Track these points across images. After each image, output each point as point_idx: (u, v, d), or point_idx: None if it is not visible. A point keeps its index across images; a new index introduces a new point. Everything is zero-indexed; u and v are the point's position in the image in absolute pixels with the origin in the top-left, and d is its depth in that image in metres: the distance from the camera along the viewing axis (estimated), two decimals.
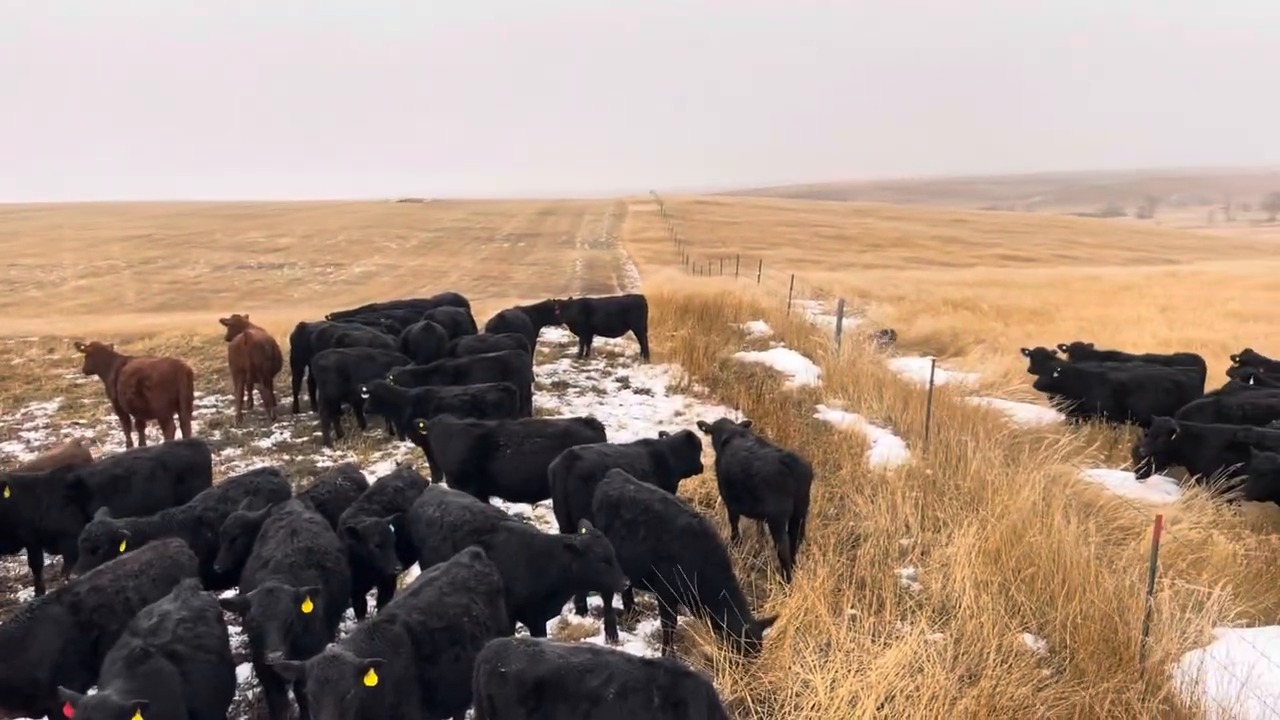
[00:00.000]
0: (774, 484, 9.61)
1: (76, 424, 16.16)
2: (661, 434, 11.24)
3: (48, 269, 64.34)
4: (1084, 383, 16.23)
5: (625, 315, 21.26)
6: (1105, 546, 9.58)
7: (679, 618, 8.44)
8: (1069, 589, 8.49)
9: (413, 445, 14.03)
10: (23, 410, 17.19)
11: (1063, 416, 16.21)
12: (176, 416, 14.33)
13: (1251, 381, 15.81)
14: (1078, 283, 44.51)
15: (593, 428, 11.30)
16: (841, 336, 20.28)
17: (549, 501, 10.88)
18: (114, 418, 15.86)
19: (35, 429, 16.05)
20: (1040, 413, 16.58)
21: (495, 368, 14.97)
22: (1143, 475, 12.93)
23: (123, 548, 7.88)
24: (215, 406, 17.52)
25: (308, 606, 6.68)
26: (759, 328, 23.86)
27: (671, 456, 10.57)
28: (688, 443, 10.72)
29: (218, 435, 15.51)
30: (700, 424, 11.76)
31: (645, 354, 20.96)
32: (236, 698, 7.82)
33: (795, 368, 18.75)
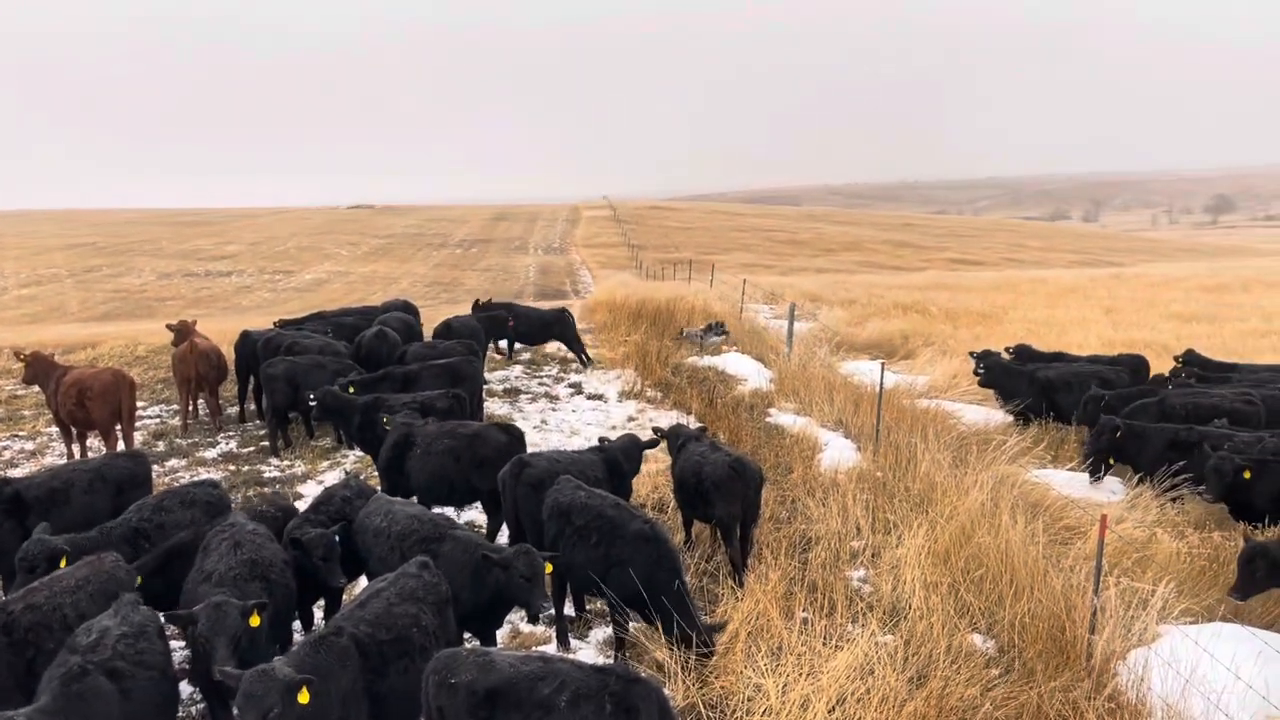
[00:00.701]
0: (723, 488, 9.61)
1: (16, 436, 15.76)
2: (601, 439, 11.21)
3: None
4: (1012, 380, 16.55)
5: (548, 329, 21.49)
6: (1052, 546, 9.70)
7: (631, 624, 8.40)
8: (1017, 589, 8.58)
9: (361, 454, 13.86)
10: None
11: (1010, 418, 16.44)
12: (119, 428, 14.02)
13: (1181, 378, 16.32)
14: (1025, 285, 45.24)
15: (509, 433, 11.27)
16: (793, 340, 20.39)
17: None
18: (55, 429, 15.50)
19: (20, 436, 15.65)
20: (988, 414, 16.80)
21: (445, 374, 14.85)
22: (1095, 475, 13.04)
23: (63, 563, 7.67)
24: (159, 416, 17.20)
25: (255, 620, 6.55)
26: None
27: (625, 461, 10.56)
28: (636, 445, 10.76)
29: (162, 446, 15.22)
30: (654, 429, 11.74)
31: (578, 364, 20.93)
32: (180, 714, 7.67)
33: (747, 372, 18.80)
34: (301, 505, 12.25)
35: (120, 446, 13.77)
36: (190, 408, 16.26)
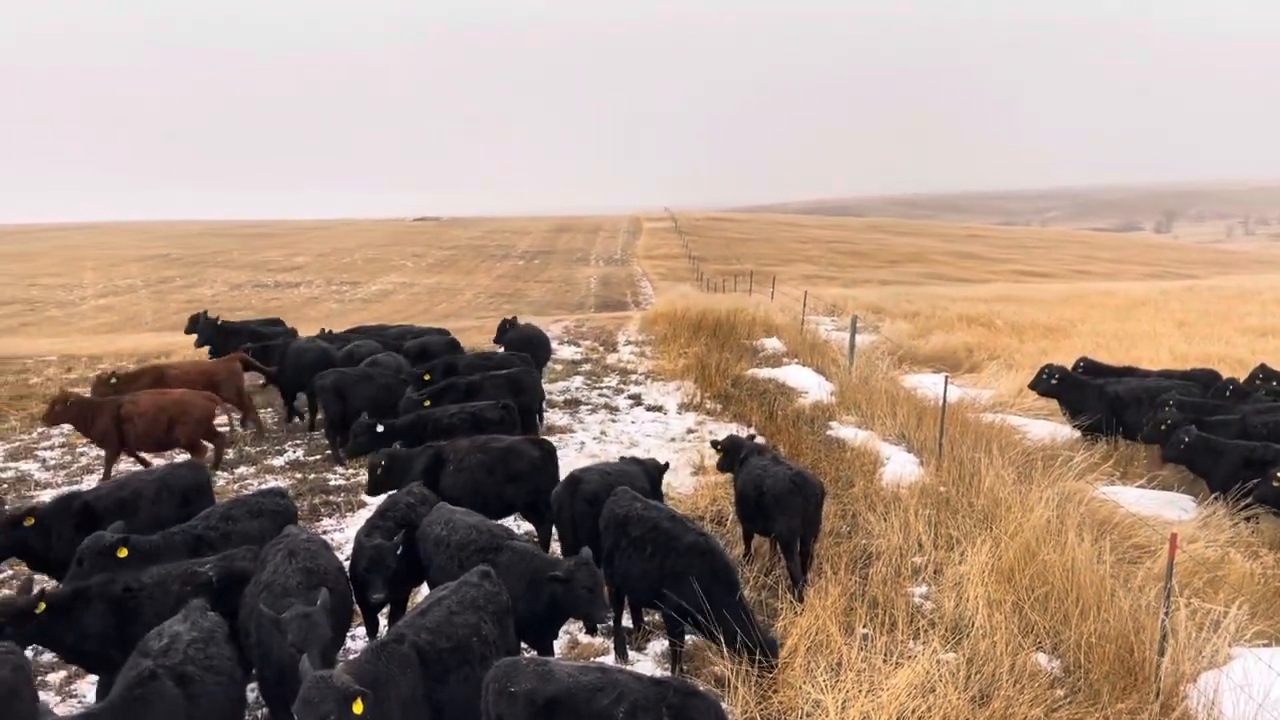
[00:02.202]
0: (783, 502, 9.57)
1: (93, 443, 16.21)
2: (622, 458, 11.38)
3: (68, 288, 64.90)
4: (1080, 395, 16.21)
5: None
6: (1120, 565, 9.50)
7: (689, 637, 8.40)
8: (1083, 608, 8.41)
9: None
10: (39, 429, 17.25)
11: (1077, 433, 16.13)
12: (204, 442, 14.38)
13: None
14: (1094, 298, 44.33)
15: (540, 447, 11.29)
16: (855, 353, 20.24)
17: None
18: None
19: (51, 448, 16.12)
20: (1054, 429, 16.50)
21: (507, 385, 14.99)
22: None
23: (122, 553, 7.92)
24: (228, 425, 17.56)
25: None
26: (772, 344, 23.83)
27: (658, 475, 10.70)
28: (658, 469, 10.86)
29: (231, 453, 15.56)
30: (713, 443, 11.72)
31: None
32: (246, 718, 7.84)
33: (808, 384, 18.71)
34: (365, 514, 12.49)
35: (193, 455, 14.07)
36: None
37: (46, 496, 13.43)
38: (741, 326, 25.74)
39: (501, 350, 18.86)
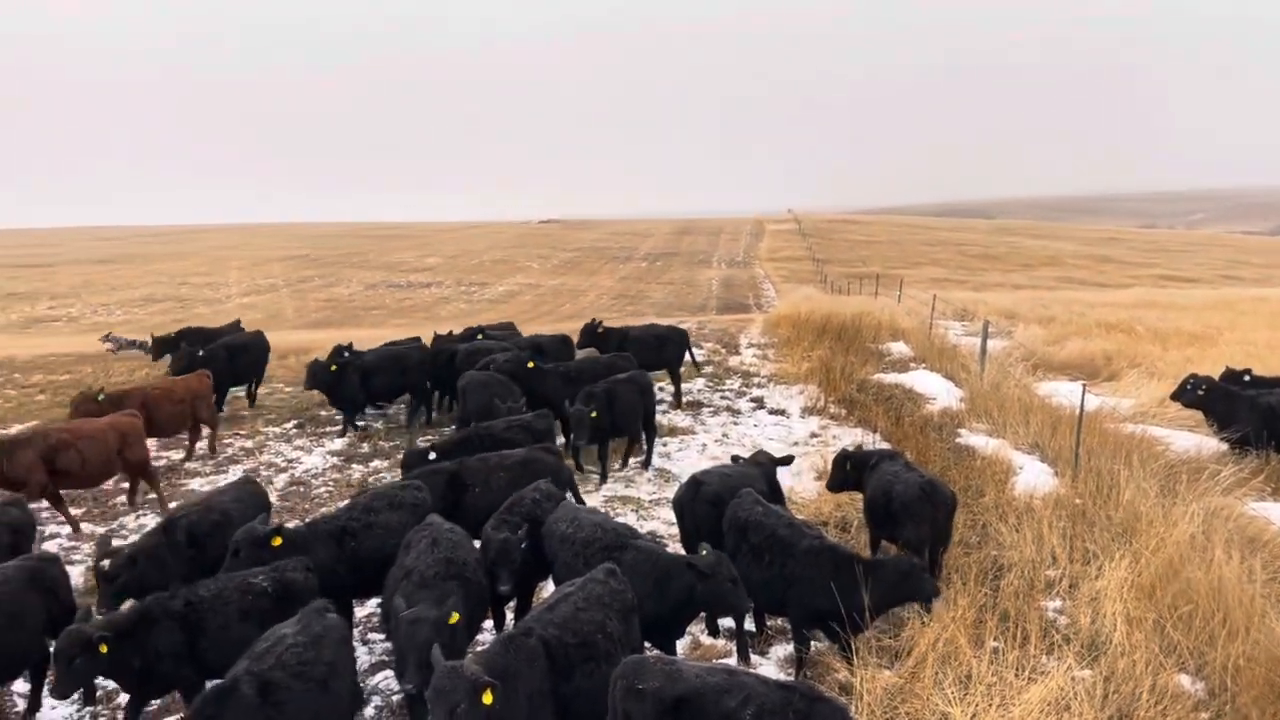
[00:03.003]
0: (912, 509, 9.41)
1: (237, 434, 17.03)
2: (735, 458, 11.27)
3: (215, 287, 68.30)
4: (1230, 405, 15.37)
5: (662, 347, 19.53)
6: (1271, 585, 9.00)
7: (813, 644, 8.34)
8: (1231, 629, 8.01)
9: None
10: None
11: (1224, 447, 15.32)
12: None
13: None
14: (1244, 304, 42.06)
15: (552, 453, 11.19)
16: (986, 359, 19.70)
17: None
18: (271, 429, 16.75)
19: (200, 439, 16.99)
20: (1200, 441, 15.71)
21: (604, 373, 15.24)
22: None
23: (276, 542, 8.28)
24: (365, 421, 18.17)
25: (454, 618, 6.87)
26: (898, 349, 23.38)
27: (774, 468, 10.72)
28: (774, 462, 10.90)
29: (366, 448, 16.12)
30: (843, 452, 11.30)
31: (678, 399, 19.08)
32: (380, 704, 8.14)
33: (936, 390, 18.30)
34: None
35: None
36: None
37: (195, 484, 14.22)
38: (867, 330, 25.32)
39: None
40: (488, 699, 5.75)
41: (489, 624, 9.21)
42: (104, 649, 6.72)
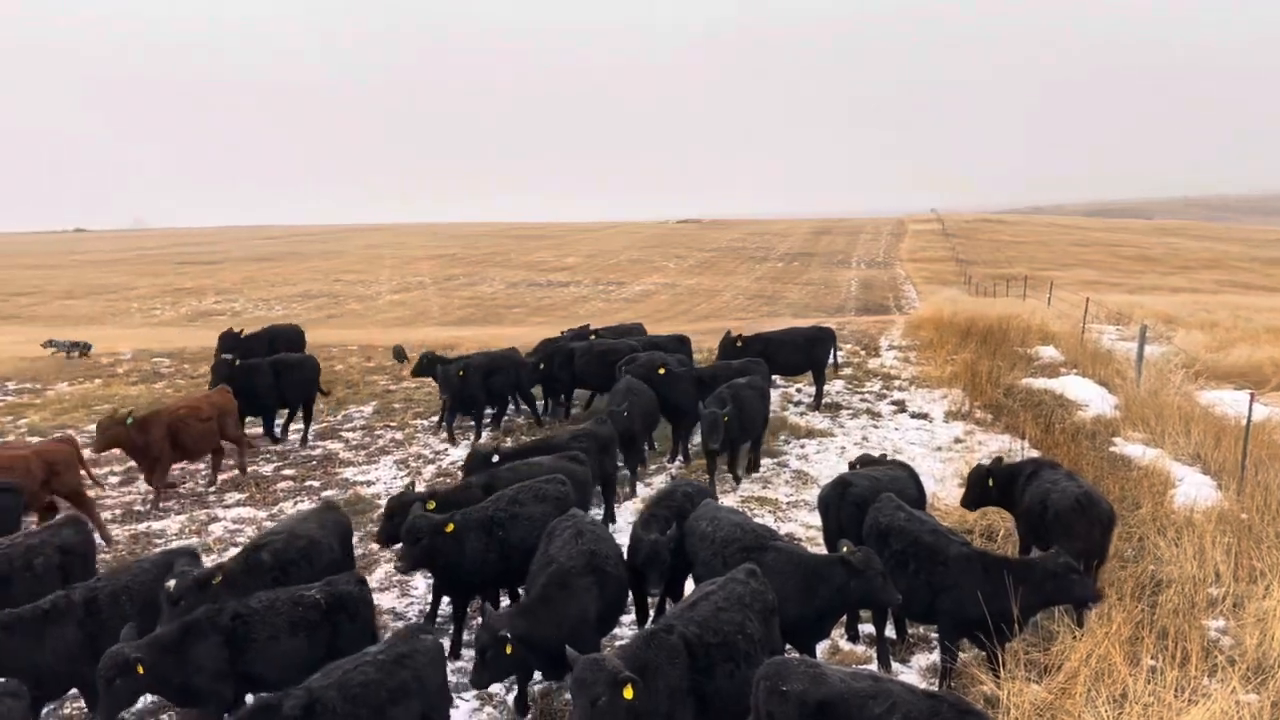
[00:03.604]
0: (1067, 520, 9.07)
1: (388, 426, 17.69)
2: (852, 463, 11.09)
3: (366, 284, 71.04)
4: None
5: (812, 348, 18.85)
6: None
7: (959, 654, 8.15)
8: None
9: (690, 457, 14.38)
10: (343, 413, 19.03)
11: None
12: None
13: None
14: None
15: (579, 461, 11.03)
16: (1143, 365, 18.83)
17: (818, 521, 10.86)
18: (420, 421, 17.33)
19: (354, 429, 17.74)
20: None
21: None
22: None
23: (449, 528, 8.71)
24: (509, 415, 18.61)
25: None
26: (1048, 353, 22.56)
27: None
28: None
29: (509, 442, 16.52)
30: (982, 467, 10.78)
31: (818, 401, 18.84)
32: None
33: (1089, 397, 17.58)
34: (633, 505, 12.95)
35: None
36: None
37: (349, 474, 14.86)
38: (1014, 333, 24.52)
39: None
40: (628, 694, 5.86)
41: (627, 619, 9.33)
42: (140, 670, 6.59)
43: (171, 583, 7.59)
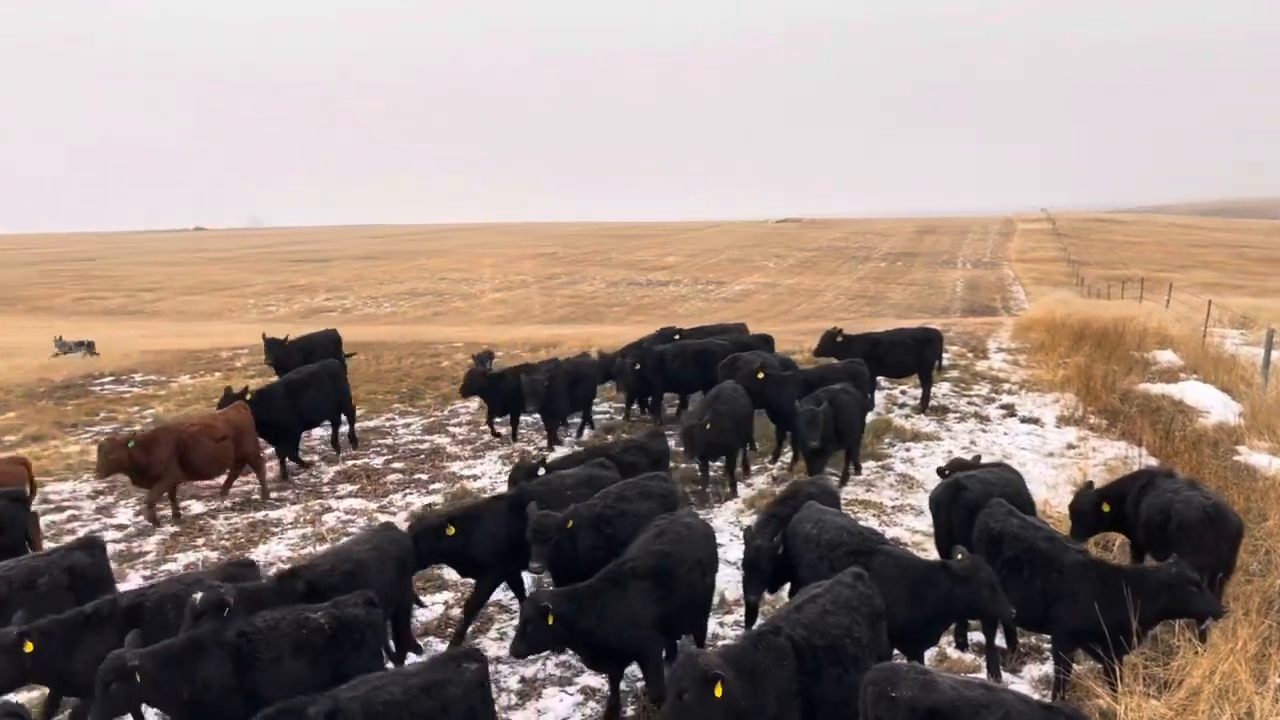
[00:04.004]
0: (1191, 532, 8.71)
1: (497, 420, 18.00)
2: (954, 464, 10.80)
3: (470, 282, 72.44)
4: None
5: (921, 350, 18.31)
6: None
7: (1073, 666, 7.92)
8: None
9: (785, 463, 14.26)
10: (449, 408, 19.43)
11: None
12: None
13: None
14: None
15: (607, 469, 10.66)
16: (1270, 370, 18.00)
17: (926, 525, 10.66)
18: (526, 419, 17.59)
19: (460, 425, 18.10)
20: None
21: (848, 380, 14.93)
22: None
23: (569, 525, 8.82)
24: (608, 412, 18.77)
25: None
26: (1166, 357, 21.74)
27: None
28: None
29: (611, 438, 16.66)
30: (1092, 493, 10.13)
31: (924, 403, 18.46)
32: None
33: (1210, 403, 16.89)
34: (733, 506, 12.93)
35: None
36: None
37: (455, 468, 15.17)
38: (1130, 337, 23.69)
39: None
40: (718, 692, 5.91)
41: (732, 618, 9.31)
42: (139, 678, 6.42)
43: (197, 596, 7.35)
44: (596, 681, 8.57)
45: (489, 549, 9.40)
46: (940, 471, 10.88)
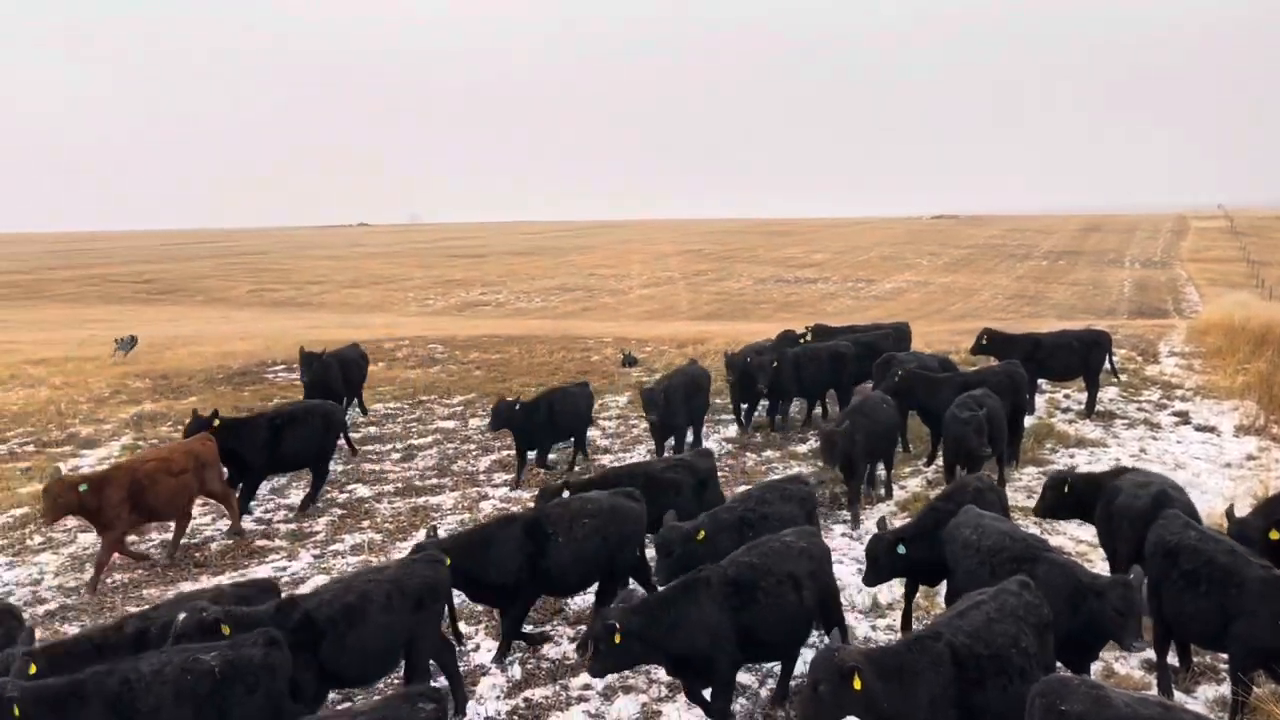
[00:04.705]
0: None
1: (642, 416, 18.13)
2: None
3: (618, 278, 73.23)
4: None
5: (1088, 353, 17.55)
6: None
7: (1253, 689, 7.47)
8: None
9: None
10: (599, 401, 19.68)
11: None
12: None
13: None
14: None
15: (635, 499, 9.71)
16: None
17: (1090, 534, 10.24)
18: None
19: (609, 418, 18.37)
20: None
21: (1005, 383, 14.37)
22: None
23: (700, 536, 8.71)
24: (760, 411, 18.66)
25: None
26: None
27: None
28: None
29: (759, 437, 16.60)
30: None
31: (1089, 408, 17.60)
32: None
33: None
34: (885, 507, 12.70)
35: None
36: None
37: (606, 461, 15.41)
38: None
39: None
40: (855, 684, 5.92)
41: (885, 621, 9.17)
42: (16, 711, 6.00)
43: (181, 616, 7.06)
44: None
45: (505, 575, 8.85)
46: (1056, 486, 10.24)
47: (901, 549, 8.77)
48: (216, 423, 12.99)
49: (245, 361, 24.70)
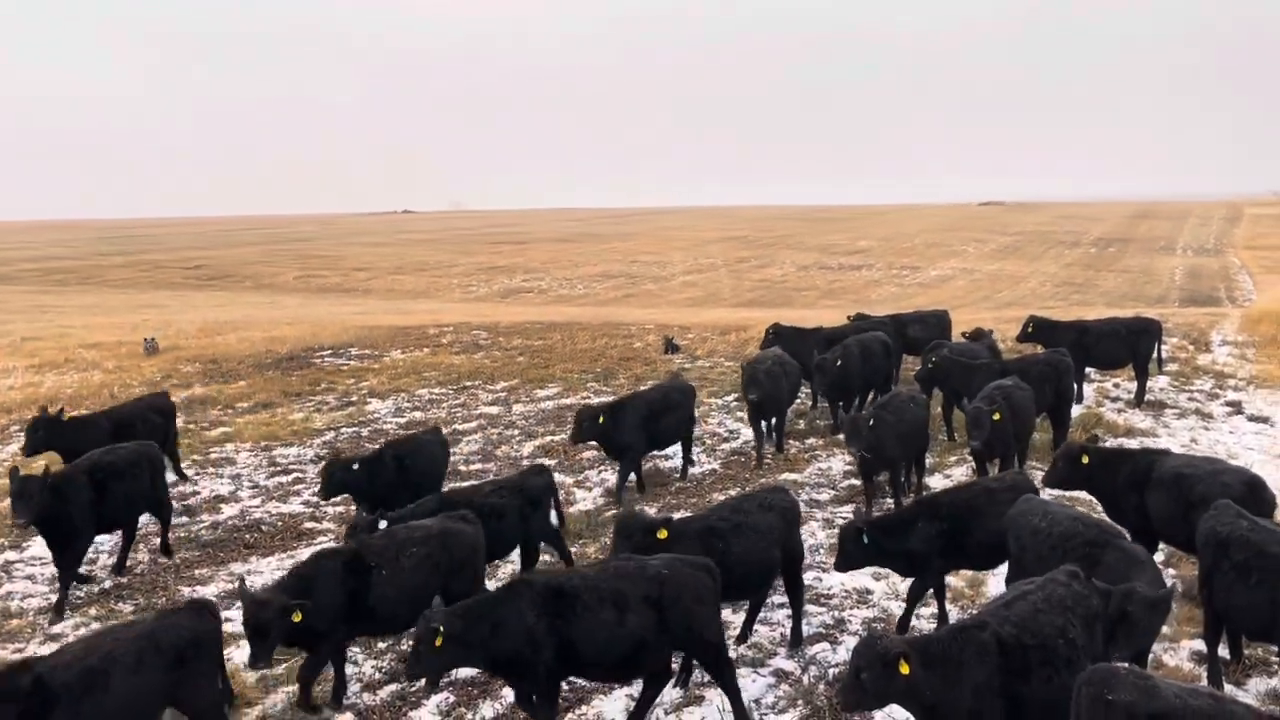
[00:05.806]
0: None
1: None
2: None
3: (660, 265, 73.17)
4: None
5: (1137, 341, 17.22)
6: None
7: None
8: None
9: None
10: (643, 385, 19.72)
11: None
12: None
13: None
14: None
15: (469, 521, 9.05)
16: None
17: None
18: (714, 400, 17.60)
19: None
20: None
21: (1048, 372, 14.17)
22: None
23: (662, 534, 8.38)
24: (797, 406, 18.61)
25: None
26: None
27: None
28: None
29: (802, 424, 16.54)
30: None
31: (1139, 398, 17.36)
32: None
33: None
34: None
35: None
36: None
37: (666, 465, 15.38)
38: None
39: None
40: (903, 669, 5.93)
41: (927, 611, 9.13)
42: None
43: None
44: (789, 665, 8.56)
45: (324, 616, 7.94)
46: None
47: (865, 539, 8.75)
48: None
49: (293, 347, 25.01)
